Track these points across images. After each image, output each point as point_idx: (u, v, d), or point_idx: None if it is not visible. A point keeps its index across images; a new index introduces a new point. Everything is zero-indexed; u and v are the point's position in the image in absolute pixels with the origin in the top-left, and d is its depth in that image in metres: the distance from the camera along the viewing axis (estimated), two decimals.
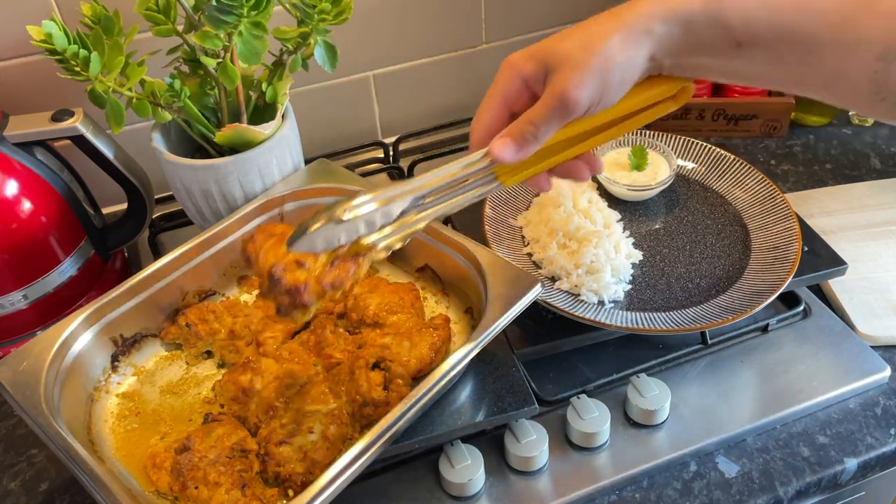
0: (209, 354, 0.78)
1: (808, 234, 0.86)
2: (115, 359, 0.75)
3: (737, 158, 0.94)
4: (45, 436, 0.62)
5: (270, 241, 0.62)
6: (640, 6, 0.54)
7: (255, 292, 0.83)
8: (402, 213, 0.57)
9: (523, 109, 0.57)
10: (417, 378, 0.69)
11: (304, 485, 0.60)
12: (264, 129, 0.81)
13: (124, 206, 0.90)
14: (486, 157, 0.57)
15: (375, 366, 0.69)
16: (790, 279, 0.78)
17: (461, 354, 0.64)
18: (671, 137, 0.98)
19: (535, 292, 0.69)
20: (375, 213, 0.56)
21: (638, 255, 0.86)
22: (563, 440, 0.73)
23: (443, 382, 0.63)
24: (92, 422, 0.70)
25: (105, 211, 1.00)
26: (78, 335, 0.71)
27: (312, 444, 0.64)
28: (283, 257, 0.59)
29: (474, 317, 0.75)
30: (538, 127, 0.55)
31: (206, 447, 0.64)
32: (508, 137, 0.56)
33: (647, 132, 0.98)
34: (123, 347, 0.76)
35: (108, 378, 0.74)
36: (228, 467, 0.63)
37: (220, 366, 0.77)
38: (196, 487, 0.62)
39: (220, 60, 0.77)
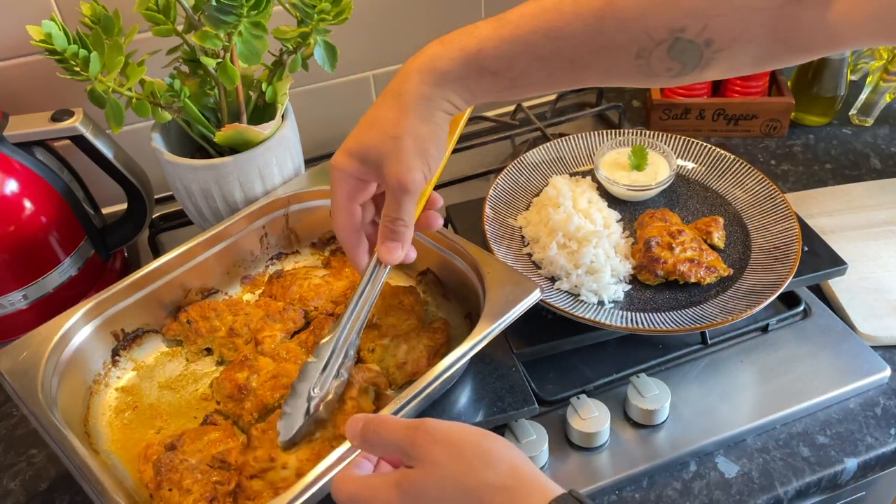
0: (209, 352, 0.78)
1: (808, 234, 0.86)
2: (115, 353, 0.75)
3: (737, 158, 0.94)
4: (39, 426, 0.62)
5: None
6: (410, 81, 0.59)
7: (258, 291, 0.84)
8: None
9: (365, 198, 0.65)
10: (414, 381, 0.68)
11: None
12: (264, 129, 0.81)
13: (124, 206, 0.91)
14: (381, 265, 0.64)
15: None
16: (790, 279, 0.78)
17: (450, 360, 0.63)
18: (671, 137, 0.98)
19: (533, 299, 0.68)
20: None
21: None
22: (563, 440, 0.73)
23: (428, 391, 0.62)
24: (89, 414, 0.71)
25: (105, 211, 1.00)
26: (79, 328, 0.72)
27: (284, 482, 0.62)
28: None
29: (473, 322, 0.75)
30: (401, 217, 0.61)
31: (192, 450, 0.64)
32: (388, 241, 0.63)
33: (647, 132, 0.98)
34: (125, 342, 0.76)
35: (108, 371, 0.75)
36: (205, 476, 0.62)
37: (220, 363, 0.77)
38: (170, 489, 0.62)
39: (219, 60, 0.77)
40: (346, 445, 0.58)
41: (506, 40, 0.57)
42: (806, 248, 0.83)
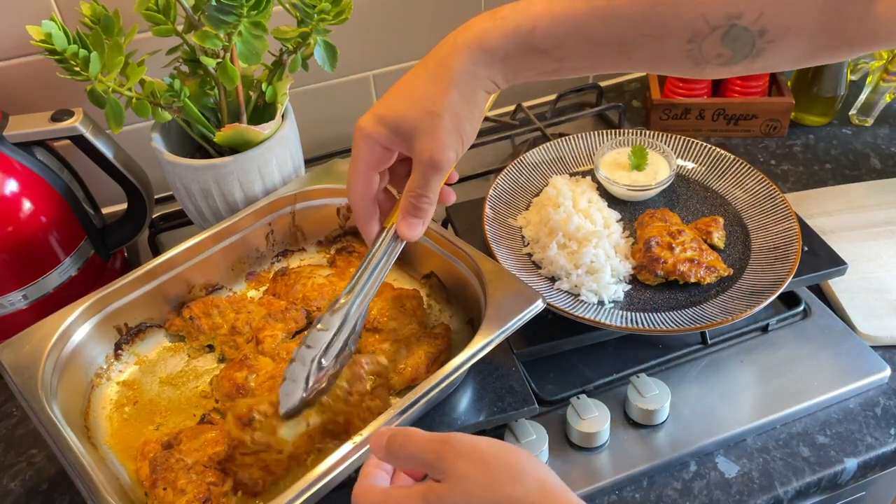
0: (211, 348, 0.78)
1: (808, 234, 0.86)
2: (118, 347, 0.76)
3: (737, 158, 0.94)
4: (37, 421, 0.62)
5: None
6: (456, 56, 0.57)
7: (262, 289, 0.84)
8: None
9: (384, 167, 0.63)
10: (413, 386, 0.68)
11: (253, 491, 0.61)
12: (264, 129, 0.81)
13: (124, 206, 0.91)
14: (398, 239, 0.64)
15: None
16: (790, 279, 0.78)
17: (449, 368, 0.63)
18: (671, 137, 0.98)
19: (535, 309, 0.68)
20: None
21: None
22: (563, 440, 0.73)
23: (426, 398, 0.62)
24: (90, 408, 0.71)
25: (105, 211, 1.00)
26: (81, 322, 0.72)
27: (277, 462, 0.63)
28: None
29: (475, 328, 0.75)
30: (427, 195, 0.61)
31: (189, 449, 0.64)
32: (410, 217, 0.62)
33: (647, 132, 0.98)
34: (127, 336, 0.76)
35: (110, 365, 0.75)
36: (200, 477, 0.62)
37: (221, 360, 0.77)
38: (164, 489, 0.62)
39: (219, 60, 0.77)
40: (348, 447, 0.58)
41: (558, 19, 0.55)
42: (806, 248, 0.83)
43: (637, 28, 0.55)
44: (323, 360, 0.62)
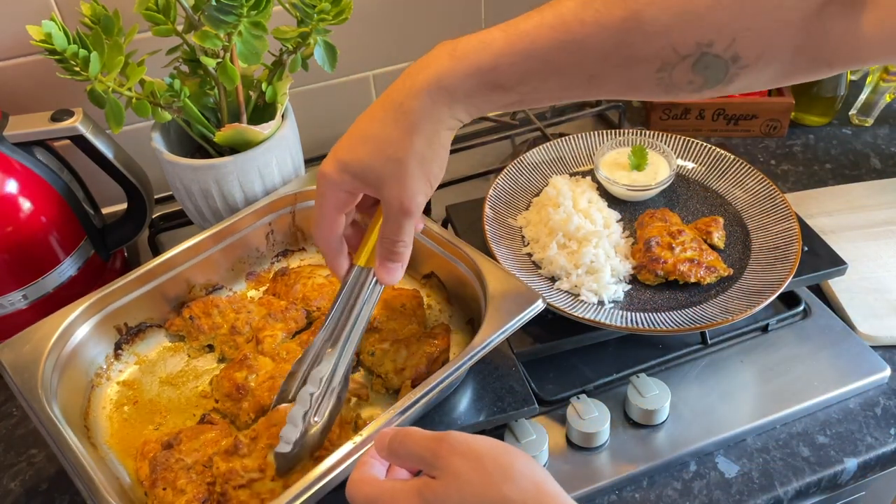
0: (211, 348, 0.78)
1: (808, 234, 0.86)
2: (118, 346, 0.76)
3: (737, 158, 0.94)
4: (37, 420, 0.62)
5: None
6: (415, 99, 0.55)
7: (262, 288, 0.84)
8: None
9: (350, 208, 0.62)
10: (412, 386, 0.68)
11: None
12: (264, 129, 0.81)
13: (124, 206, 0.90)
14: (376, 283, 0.64)
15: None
16: (790, 279, 0.78)
17: (449, 369, 0.63)
18: (671, 137, 0.98)
19: (535, 309, 0.68)
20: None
21: None
22: (563, 440, 0.73)
23: (426, 399, 0.62)
24: (90, 408, 0.71)
25: (105, 211, 1.00)
26: (81, 322, 0.72)
27: (271, 493, 0.61)
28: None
29: (475, 328, 0.75)
30: (403, 240, 0.60)
31: (189, 449, 0.64)
32: (389, 262, 0.61)
33: (647, 132, 0.98)
34: (127, 336, 0.76)
35: (110, 365, 0.75)
36: (200, 477, 0.62)
37: (221, 360, 0.77)
38: (164, 488, 0.62)
39: (219, 60, 0.77)
40: (348, 446, 0.58)
41: (522, 55, 0.53)
42: (806, 248, 0.83)
43: (605, 60, 0.53)
44: (315, 417, 0.62)
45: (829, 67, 0.53)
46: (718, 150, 0.96)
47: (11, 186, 0.79)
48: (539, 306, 0.68)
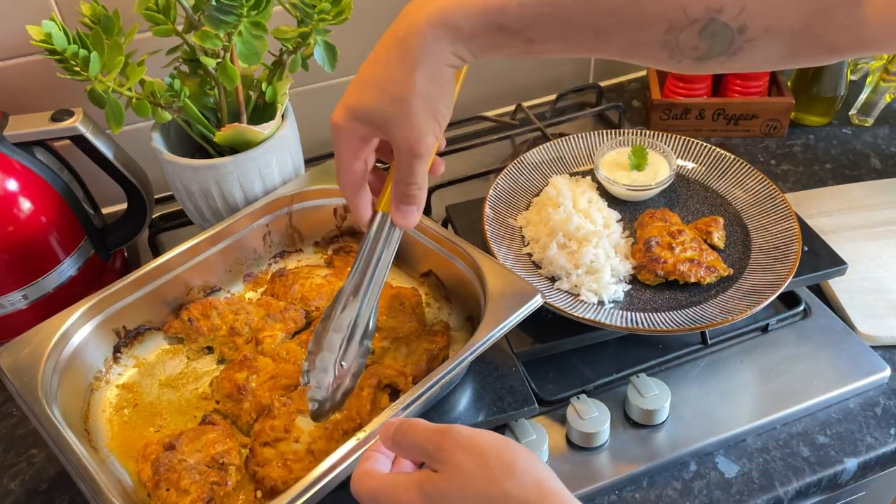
0: (210, 350, 0.78)
1: (808, 234, 0.86)
2: (117, 350, 0.76)
3: (737, 158, 0.94)
4: (38, 423, 0.62)
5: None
6: (417, 35, 0.54)
7: (260, 290, 0.84)
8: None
9: (369, 153, 0.61)
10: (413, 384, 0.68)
11: (273, 492, 0.61)
12: (264, 129, 0.81)
13: (124, 206, 0.90)
14: (395, 227, 0.63)
15: (387, 385, 0.69)
16: (790, 279, 0.78)
17: (449, 365, 0.63)
18: (671, 137, 0.98)
19: (534, 305, 0.68)
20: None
21: None
22: (563, 440, 0.73)
23: (426, 395, 0.62)
24: (90, 411, 0.71)
25: (105, 211, 1.00)
26: (80, 325, 0.72)
27: (294, 454, 0.64)
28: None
29: (475, 325, 0.75)
30: (416, 182, 0.59)
31: (191, 450, 0.64)
32: (404, 205, 0.60)
33: (647, 132, 0.98)
34: (126, 339, 0.76)
35: (109, 368, 0.75)
36: (203, 477, 0.63)
37: (220, 362, 0.77)
38: (167, 489, 0.62)
39: (219, 60, 0.77)
40: (351, 443, 0.58)
41: None
42: (806, 248, 0.83)
43: (615, 14, 0.52)
44: (343, 363, 0.64)
45: (832, 52, 0.53)
46: (718, 150, 0.96)
47: (11, 186, 0.79)
48: (538, 301, 0.68)
